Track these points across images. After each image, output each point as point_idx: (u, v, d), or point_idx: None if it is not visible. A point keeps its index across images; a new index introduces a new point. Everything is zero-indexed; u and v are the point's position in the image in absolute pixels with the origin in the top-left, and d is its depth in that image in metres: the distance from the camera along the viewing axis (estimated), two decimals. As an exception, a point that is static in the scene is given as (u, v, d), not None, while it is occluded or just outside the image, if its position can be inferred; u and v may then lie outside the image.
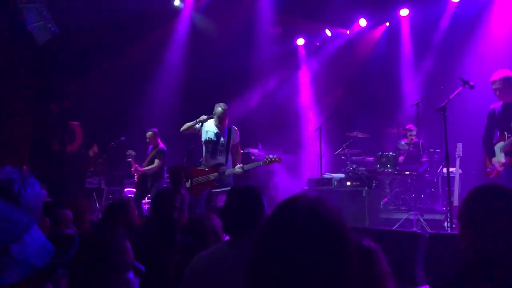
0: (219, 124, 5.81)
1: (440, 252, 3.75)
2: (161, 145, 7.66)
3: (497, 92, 4.77)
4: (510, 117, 4.76)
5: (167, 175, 6.99)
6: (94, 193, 8.92)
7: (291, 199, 1.16)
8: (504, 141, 4.79)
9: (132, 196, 8.63)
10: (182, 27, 10.06)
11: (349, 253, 1.09)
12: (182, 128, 5.91)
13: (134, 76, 9.80)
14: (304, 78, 10.81)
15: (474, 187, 1.58)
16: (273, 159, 5.58)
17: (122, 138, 8.43)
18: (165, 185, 7.32)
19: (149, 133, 7.66)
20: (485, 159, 5.11)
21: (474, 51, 8.09)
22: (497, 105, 4.96)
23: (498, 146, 4.89)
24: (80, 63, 9.31)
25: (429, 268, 3.73)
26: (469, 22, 8.43)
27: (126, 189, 8.93)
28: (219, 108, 5.79)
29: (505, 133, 4.79)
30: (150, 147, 7.69)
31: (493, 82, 4.80)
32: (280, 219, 1.12)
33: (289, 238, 1.06)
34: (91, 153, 9.63)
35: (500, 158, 4.84)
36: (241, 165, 5.69)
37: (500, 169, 4.80)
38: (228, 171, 5.67)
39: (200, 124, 5.73)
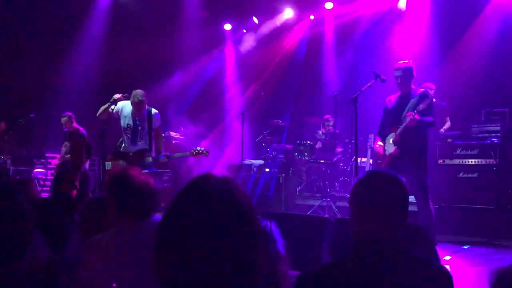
0: (137, 111, 5.53)
1: (345, 237, 3.94)
2: (81, 129, 7.36)
3: (399, 80, 4.96)
4: (403, 109, 4.96)
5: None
6: (-2, 173, 8.27)
7: (200, 178, 1.14)
8: (395, 132, 4.98)
9: (42, 177, 8.16)
10: (103, 5, 9.53)
11: (257, 233, 1.10)
12: (98, 113, 5.53)
13: (47, 52, 9.16)
14: (230, 64, 10.78)
15: (361, 175, 1.66)
16: (200, 152, 5.45)
17: (32, 115, 7.88)
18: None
19: (64, 118, 7.40)
20: (378, 150, 5.30)
21: (390, 47, 8.52)
22: (393, 97, 5.15)
23: (390, 137, 5.09)
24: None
25: (334, 252, 3.90)
26: (388, 19, 8.86)
27: (35, 170, 8.40)
28: (136, 98, 5.39)
29: (397, 124, 4.97)
30: (65, 130, 7.35)
31: (397, 69, 5.01)
32: (189, 198, 1.10)
33: (198, 216, 1.05)
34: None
35: (390, 148, 5.03)
36: (167, 153, 5.52)
37: (389, 159, 4.98)
38: (153, 158, 5.47)
39: (114, 104, 5.41)
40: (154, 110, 5.63)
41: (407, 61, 5.08)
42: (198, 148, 5.50)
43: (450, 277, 1.55)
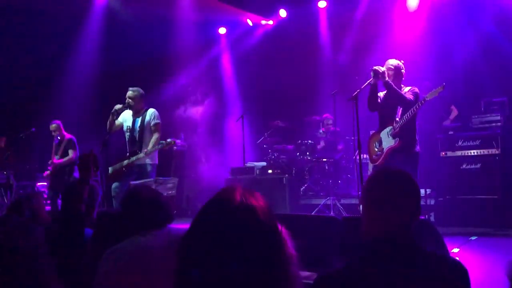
0: (132, 109, 5.67)
1: (353, 236, 3.93)
2: (68, 135, 7.37)
3: (390, 72, 4.94)
4: (394, 104, 4.92)
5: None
6: (2, 189, 8.28)
7: (225, 193, 1.15)
8: (392, 125, 4.92)
9: (46, 191, 8.15)
10: (97, 10, 9.54)
11: (281, 254, 1.13)
12: (107, 128, 5.68)
13: (43, 64, 9.16)
14: (227, 67, 10.78)
15: (372, 172, 1.67)
16: (168, 143, 5.51)
17: (32, 129, 7.89)
18: None
19: (53, 126, 7.39)
20: (368, 147, 5.29)
21: (386, 44, 8.52)
22: (381, 93, 5.11)
23: (385, 131, 5.02)
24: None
25: (343, 252, 3.90)
26: (384, 16, 8.87)
27: (38, 184, 8.40)
28: (129, 92, 5.65)
29: (390, 121, 4.94)
30: (57, 140, 7.35)
31: (390, 64, 5.00)
32: (213, 214, 1.12)
33: (222, 233, 1.07)
34: (0, 145, 8.92)
35: (389, 142, 4.96)
36: (145, 150, 5.57)
37: (387, 153, 4.93)
38: (135, 157, 5.53)
39: (116, 115, 5.53)
40: (151, 109, 5.75)
41: (397, 61, 5.06)
42: (169, 140, 5.54)
43: (466, 271, 1.55)
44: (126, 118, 5.79)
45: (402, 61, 5.11)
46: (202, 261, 1.06)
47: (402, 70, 5.03)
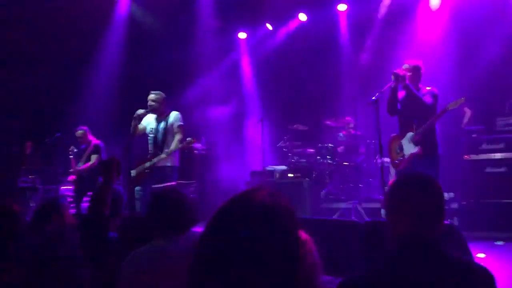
0: (155, 112, 5.76)
1: (376, 240, 3.90)
2: (95, 140, 7.45)
3: (409, 73, 4.89)
4: (413, 108, 4.86)
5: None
6: (28, 192, 8.48)
7: (245, 195, 1.09)
8: (413, 132, 4.88)
9: (70, 194, 8.30)
10: (119, 19, 9.72)
11: (300, 254, 1.07)
12: (131, 132, 5.79)
13: (69, 70, 9.37)
14: (247, 71, 10.83)
15: (396, 177, 1.66)
16: (188, 141, 5.55)
17: (58, 134, 8.06)
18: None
19: (79, 132, 7.39)
20: (390, 151, 5.22)
21: (408, 45, 8.43)
22: (400, 96, 5.03)
23: (407, 137, 4.95)
24: (10, 54, 8.80)
25: (366, 256, 3.87)
26: (405, 17, 8.79)
27: (62, 187, 8.56)
28: (151, 95, 5.74)
29: (409, 125, 4.89)
30: (83, 146, 7.44)
31: (408, 66, 4.95)
32: (230, 216, 1.06)
33: (239, 235, 1.01)
34: (27, 150, 9.15)
35: (411, 149, 4.89)
36: (166, 150, 5.62)
37: (409, 159, 4.86)
38: (156, 158, 5.60)
39: (138, 120, 5.62)
40: (175, 112, 5.84)
41: (415, 62, 5.01)
42: (188, 139, 5.58)
43: (492, 278, 1.53)
44: (149, 121, 5.88)
45: (421, 61, 5.05)
46: (217, 264, 1.00)
47: (420, 71, 4.98)
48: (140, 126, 5.78)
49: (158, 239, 2.09)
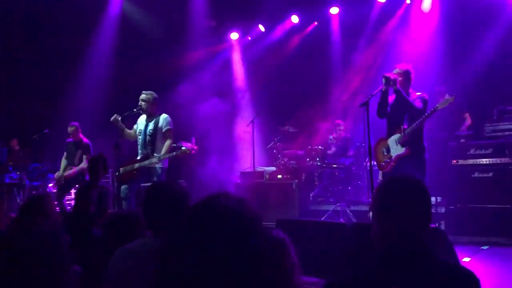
0: (145, 112, 5.77)
1: (362, 242, 3.91)
2: (85, 139, 7.42)
3: (400, 78, 4.91)
4: (402, 111, 4.89)
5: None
6: (15, 189, 8.39)
7: (214, 198, 1.11)
8: (400, 133, 4.91)
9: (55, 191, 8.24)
10: (111, 16, 9.67)
11: (272, 256, 1.09)
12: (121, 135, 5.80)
13: (58, 67, 9.28)
14: (238, 72, 10.82)
15: (382, 179, 1.66)
16: (183, 151, 5.53)
17: (46, 130, 7.98)
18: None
19: (71, 128, 7.41)
20: (376, 154, 5.23)
21: (399, 49, 8.49)
22: (390, 100, 5.06)
23: (393, 139, 4.99)
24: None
25: (353, 258, 3.88)
26: (396, 21, 8.85)
27: (50, 184, 8.47)
28: (142, 95, 5.77)
29: (401, 125, 4.92)
30: (69, 140, 7.41)
31: (399, 70, 4.97)
32: (199, 216, 1.07)
33: (206, 236, 1.02)
34: (14, 147, 9.05)
35: (398, 150, 4.93)
36: (158, 154, 5.60)
37: (396, 160, 4.90)
38: (148, 161, 5.57)
39: (121, 122, 5.65)
40: (164, 115, 5.81)
41: (406, 66, 5.03)
42: (183, 148, 5.56)
43: (478, 281, 1.54)
44: (139, 121, 5.90)
45: (411, 65, 5.08)
46: (184, 270, 1.00)
47: (411, 75, 5.01)
48: (134, 127, 5.85)
49: (147, 236, 2.07)
